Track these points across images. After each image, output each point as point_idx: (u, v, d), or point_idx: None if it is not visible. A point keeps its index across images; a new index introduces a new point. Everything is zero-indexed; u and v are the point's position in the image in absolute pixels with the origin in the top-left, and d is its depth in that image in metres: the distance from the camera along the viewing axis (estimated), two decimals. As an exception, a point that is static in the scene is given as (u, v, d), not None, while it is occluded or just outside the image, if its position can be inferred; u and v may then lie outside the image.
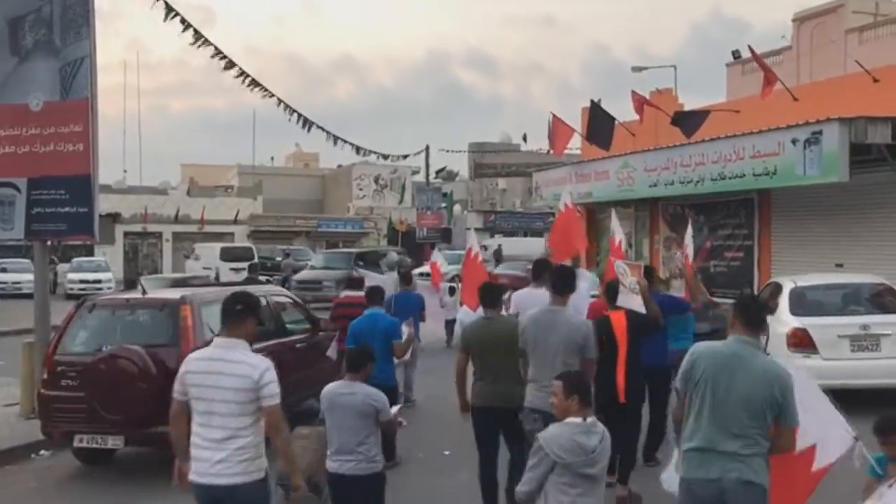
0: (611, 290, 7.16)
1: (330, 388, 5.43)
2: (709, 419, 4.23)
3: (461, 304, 11.54)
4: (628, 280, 6.94)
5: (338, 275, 23.65)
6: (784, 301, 11.21)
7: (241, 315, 4.60)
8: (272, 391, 4.35)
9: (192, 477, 4.43)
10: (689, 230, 10.57)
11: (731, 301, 5.44)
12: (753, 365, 4.27)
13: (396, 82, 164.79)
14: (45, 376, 8.18)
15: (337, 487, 5.32)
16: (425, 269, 19.99)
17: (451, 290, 14.70)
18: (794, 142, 13.77)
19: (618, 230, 10.01)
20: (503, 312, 6.97)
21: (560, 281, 6.25)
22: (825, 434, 4.55)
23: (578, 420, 4.12)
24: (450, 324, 13.65)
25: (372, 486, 5.28)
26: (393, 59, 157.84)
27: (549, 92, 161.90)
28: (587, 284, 9.12)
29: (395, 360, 8.05)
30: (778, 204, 16.57)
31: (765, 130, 14.62)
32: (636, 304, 6.79)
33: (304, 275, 27.21)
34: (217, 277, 26.96)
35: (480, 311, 6.84)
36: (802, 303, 11.10)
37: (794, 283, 11.53)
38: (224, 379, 4.36)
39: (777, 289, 11.90)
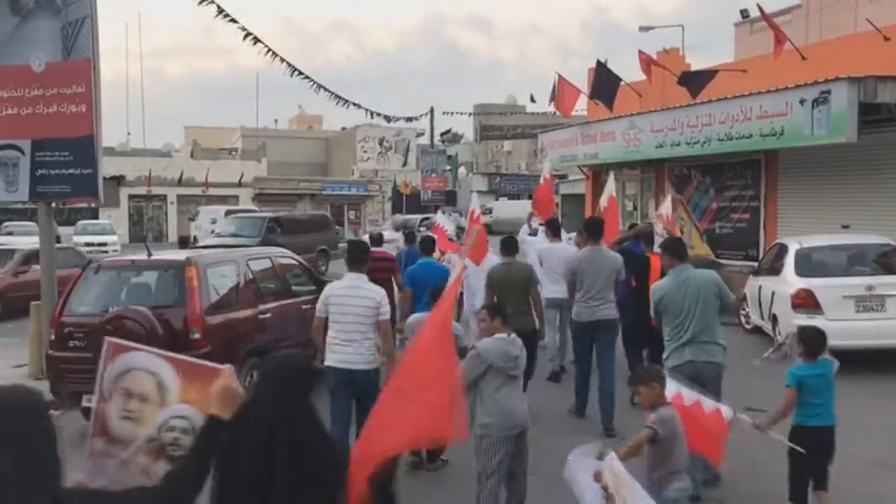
0: (648, 237, 9.57)
1: None
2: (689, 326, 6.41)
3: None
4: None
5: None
6: (790, 262, 11.20)
7: (364, 258, 6.72)
8: (386, 310, 6.46)
9: (331, 363, 6.37)
10: (668, 202, 11.46)
11: (737, 263, 6.47)
12: (698, 275, 6.59)
13: (395, 45, 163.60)
14: (53, 337, 8.24)
15: None
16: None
17: None
18: (801, 102, 13.62)
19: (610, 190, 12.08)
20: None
21: (595, 228, 8.54)
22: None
23: (504, 335, 5.39)
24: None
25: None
26: (390, 22, 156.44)
27: (548, 53, 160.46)
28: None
29: None
30: (785, 165, 16.45)
31: (772, 90, 14.46)
32: None
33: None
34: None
35: (485, 263, 9.12)
36: (808, 264, 11.10)
37: (799, 244, 11.51)
38: (357, 300, 6.42)
39: (782, 249, 11.89)
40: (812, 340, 5.67)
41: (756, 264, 14.04)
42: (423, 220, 32.50)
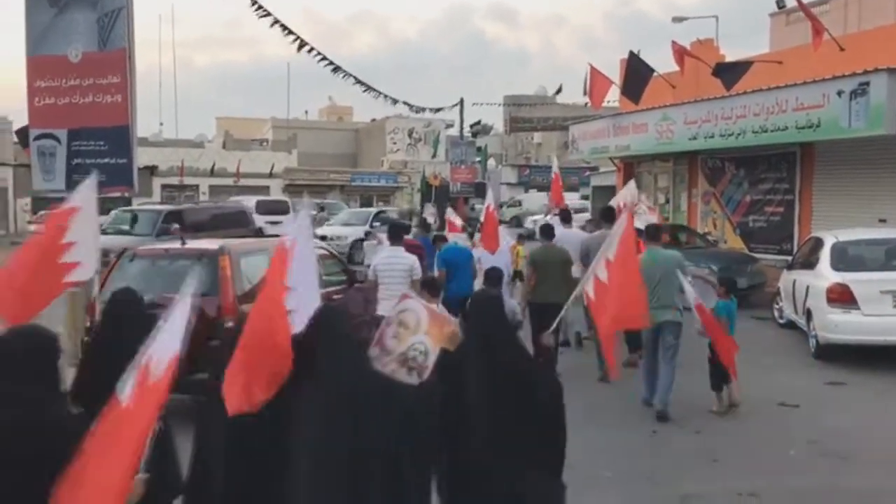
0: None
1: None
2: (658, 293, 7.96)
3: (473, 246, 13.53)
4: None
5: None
6: (825, 255, 11.04)
7: (402, 235, 9.44)
8: (419, 272, 8.66)
9: (380, 313, 7.47)
10: (632, 185, 12.49)
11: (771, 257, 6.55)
12: (665, 254, 8.52)
13: (419, 35, 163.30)
14: (88, 324, 8.34)
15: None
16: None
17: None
18: (839, 93, 13.41)
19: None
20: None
21: (606, 214, 10.86)
22: None
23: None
24: None
25: None
26: (413, 13, 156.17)
27: (573, 44, 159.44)
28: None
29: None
30: (821, 157, 16.21)
31: (809, 82, 14.25)
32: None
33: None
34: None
35: (500, 252, 10.95)
36: (844, 258, 10.92)
37: (835, 238, 11.33)
38: (397, 265, 8.68)
39: (818, 243, 11.72)
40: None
41: (790, 258, 13.86)
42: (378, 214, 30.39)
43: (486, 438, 3.67)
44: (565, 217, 12.19)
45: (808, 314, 11.06)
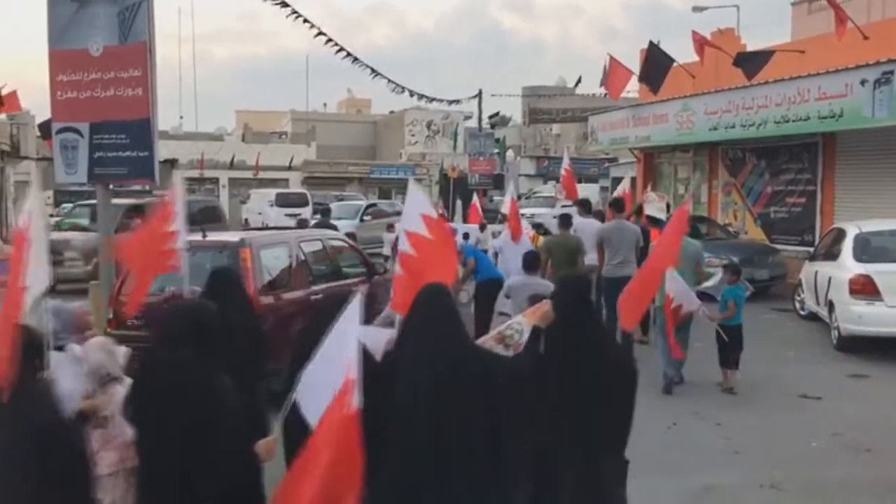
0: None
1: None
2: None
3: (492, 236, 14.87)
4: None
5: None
6: (848, 246, 10.94)
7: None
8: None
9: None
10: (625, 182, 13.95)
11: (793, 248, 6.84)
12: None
13: (435, 27, 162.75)
14: (111, 316, 8.43)
15: None
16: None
17: (466, 236, 15.02)
18: (863, 82, 13.25)
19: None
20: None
21: (620, 205, 11.80)
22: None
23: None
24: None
25: None
26: (428, 5, 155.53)
27: (590, 34, 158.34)
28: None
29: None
30: (843, 147, 16.04)
31: (832, 71, 14.09)
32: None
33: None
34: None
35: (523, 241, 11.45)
36: (867, 249, 10.83)
37: (858, 229, 11.24)
38: None
39: (840, 234, 11.61)
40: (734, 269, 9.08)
41: (812, 249, 13.74)
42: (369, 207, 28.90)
43: (572, 414, 4.03)
44: (585, 207, 12.75)
45: (831, 306, 10.97)
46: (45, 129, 17.89)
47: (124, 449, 4.12)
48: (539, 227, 13.68)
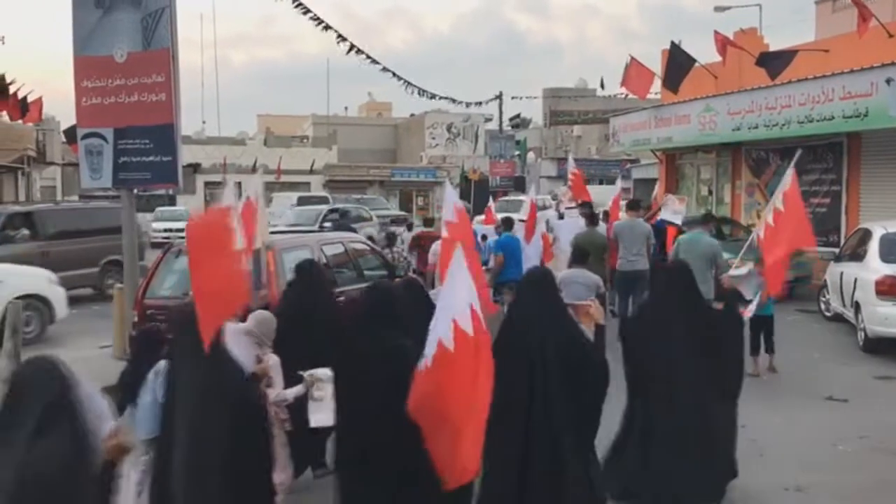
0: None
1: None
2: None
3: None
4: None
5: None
6: (874, 247, 10.82)
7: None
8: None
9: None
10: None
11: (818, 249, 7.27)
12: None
13: (451, 28, 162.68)
14: (136, 319, 8.51)
15: None
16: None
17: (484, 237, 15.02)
18: (888, 81, 13.11)
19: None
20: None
21: (633, 205, 12.83)
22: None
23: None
24: None
25: None
26: (444, 7, 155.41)
27: (607, 35, 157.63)
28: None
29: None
30: (869, 147, 15.86)
31: (856, 70, 13.95)
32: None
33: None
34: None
35: (533, 241, 11.66)
36: (894, 249, 10.70)
37: (884, 230, 11.11)
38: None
39: (866, 235, 11.49)
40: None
41: (837, 250, 13.61)
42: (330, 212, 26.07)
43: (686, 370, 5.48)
44: (593, 220, 12.72)
45: (857, 307, 10.86)
46: (70, 134, 18.09)
47: (274, 406, 5.19)
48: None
